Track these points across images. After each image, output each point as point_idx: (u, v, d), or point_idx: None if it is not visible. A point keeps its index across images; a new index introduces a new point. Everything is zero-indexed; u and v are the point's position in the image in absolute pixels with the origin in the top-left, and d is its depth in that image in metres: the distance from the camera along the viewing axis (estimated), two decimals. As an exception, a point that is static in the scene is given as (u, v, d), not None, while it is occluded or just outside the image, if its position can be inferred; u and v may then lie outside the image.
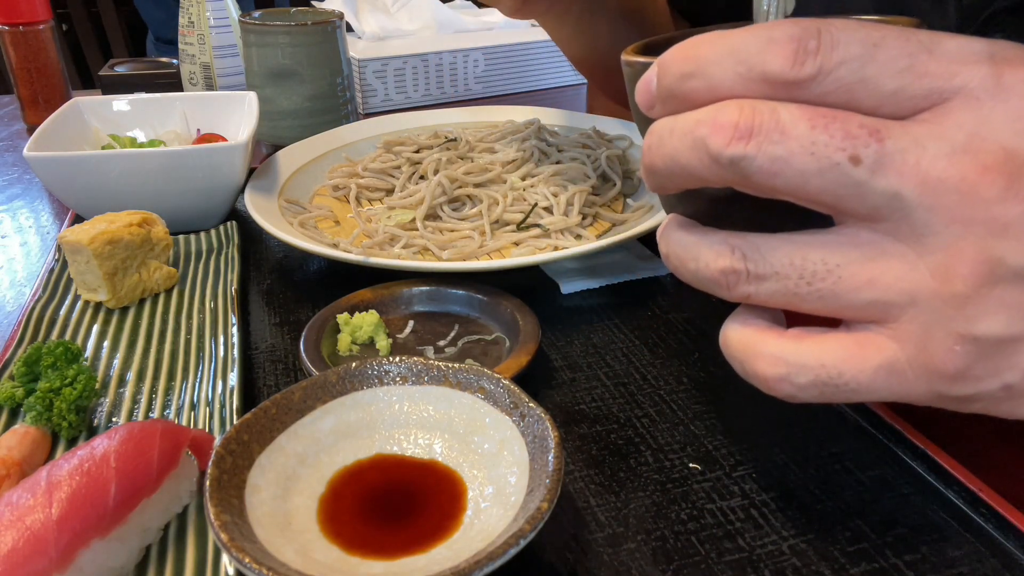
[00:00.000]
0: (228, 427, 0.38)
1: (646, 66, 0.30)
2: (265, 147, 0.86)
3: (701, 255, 0.29)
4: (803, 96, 0.25)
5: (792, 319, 0.30)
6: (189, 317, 0.53)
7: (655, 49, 0.39)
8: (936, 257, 0.25)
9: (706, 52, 0.26)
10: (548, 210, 0.61)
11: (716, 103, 0.26)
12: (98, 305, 0.54)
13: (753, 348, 0.29)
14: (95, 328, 0.52)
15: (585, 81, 1.17)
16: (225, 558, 0.34)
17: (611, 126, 0.76)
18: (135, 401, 0.44)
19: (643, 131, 0.36)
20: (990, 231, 0.24)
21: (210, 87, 0.98)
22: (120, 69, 1.07)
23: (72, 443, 0.41)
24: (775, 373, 0.28)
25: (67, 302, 0.54)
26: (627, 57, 0.35)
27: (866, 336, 0.27)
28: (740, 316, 0.30)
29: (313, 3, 1.25)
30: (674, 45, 0.28)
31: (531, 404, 0.36)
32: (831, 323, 0.29)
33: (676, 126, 0.27)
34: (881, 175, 0.24)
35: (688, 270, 0.30)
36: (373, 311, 0.50)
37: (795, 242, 0.27)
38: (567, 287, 0.57)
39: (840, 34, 0.25)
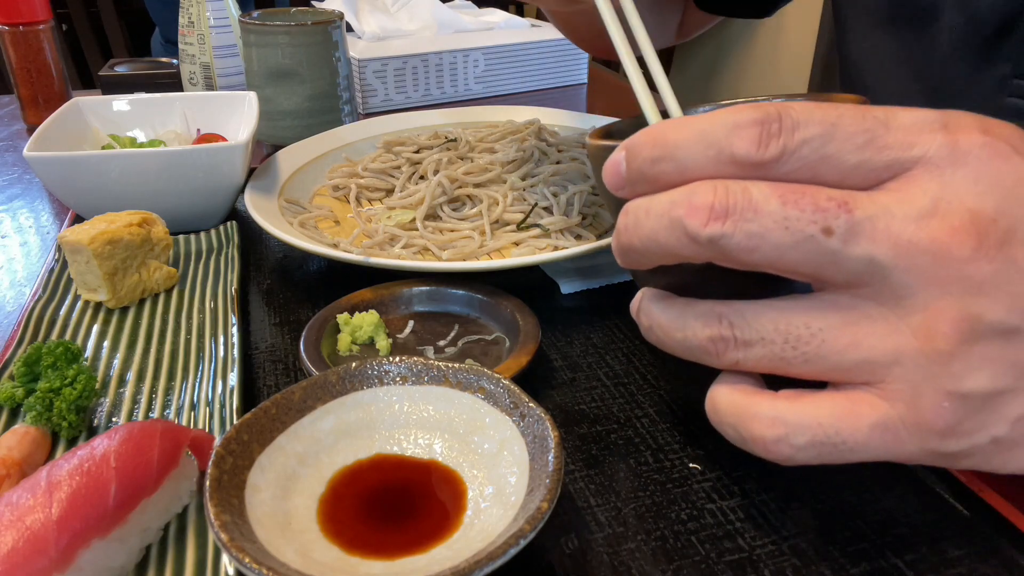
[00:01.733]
0: (228, 427, 0.38)
1: (610, 149, 0.32)
2: (265, 147, 0.86)
3: (688, 324, 0.30)
4: (771, 175, 0.27)
5: (779, 383, 0.30)
6: (189, 317, 0.53)
7: (615, 135, 0.42)
8: (916, 317, 0.26)
9: (674, 137, 0.28)
10: (548, 210, 0.61)
11: (688, 184, 0.27)
12: (98, 305, 0.54)
13: (747, 410, 0.29)
14: (95, 328, 0.52)
15: (585, 81, 1.17)
16: (225, 558, 0.34)
17: (611, 126, 0.76)
18: (135, 401, 0.44)
19: (610, 208, 0.38)
20: (966, 290, 0.25)
21: (210, 87, 0.98)
22: (120, 69, 1.07)
23: (72, 443, 0.41)
24: (773, 434, 0.28)
25: (67, 302, 0.54)
26: (591, 141, 0.37)
27: (858, 395, 0.28)
28: (726, 381, 0.31)
29: (313, 3, 1.25)
30: (640, 130, 0.29)
31: (531, 404, 0.36)
32: (820, 387, 0.29)
33: (652, 207, 0.28)
34: (854, 243, 0.25)
35: (675, 340, 0.31)
36: (373, 311, 0.50)
37: (778, 307, 0.28)
38: (567, 287, 0.57)
39: (799, 116, 0.26)
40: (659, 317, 0.31)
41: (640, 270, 0.32)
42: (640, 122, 0.44)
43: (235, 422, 0.38)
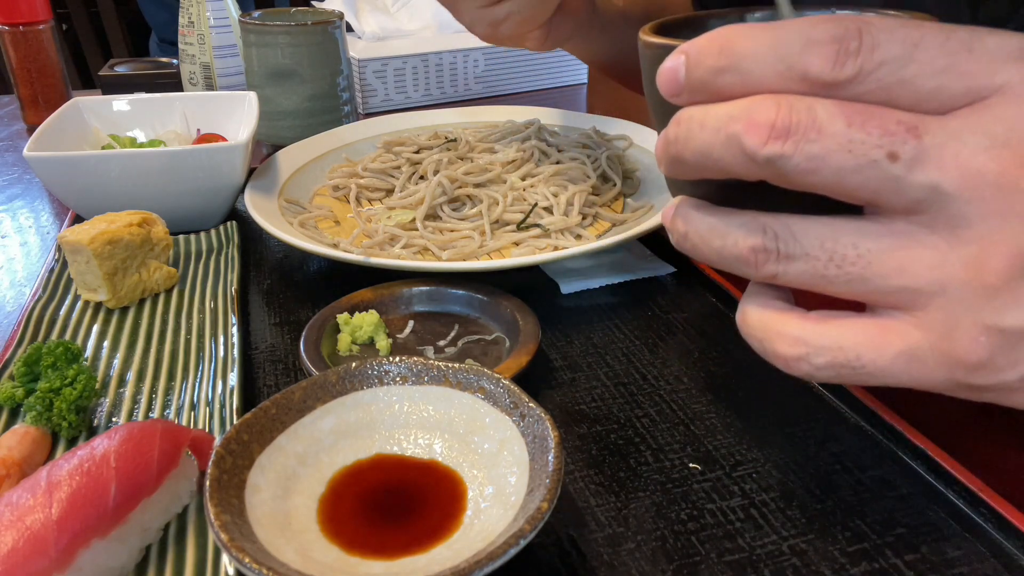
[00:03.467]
0: (228, 427, 0.38)
1: (667, 49, 0.30)
2: (265, 147, 0.86)
3: (729, 233, 0.29)
4: (842, 95, 0.25)
5: (815, 302, 0.30)
6: (189, 317, 0.53)
7: (671, 30, 0.38)
8: (970, 249, 0.25)
9: (742, 47, 0.26)
10: (548, 210, 0.61)
11: (751, 97, 0.26)
12: (98, 305, 0.54)
13: (774, 328, 0.29)
14: (95, 328, 0.52)
15: (585, 81, 1.17)
16: (225, 558, 0.34)
17: (611, 126, 0.76)
18: (135, 401, 0.44)
19: (657, 113, 0.35)
20: None
21: (210, 87, 0.98)
22: (120, 69, 1.07)
23: (72, 443, 0.41)
24: (795, 353, 0.28)
25: (67, 302, 0.54)
26: (646, 38, 0.34)
27: (889, 322, 0.27)
28: (758, 296, 0.31)
29: (313, 3, 1.25)
30: (704, 34, 0.27)
31: (531, 404, 0.36)
32: (854, 308, 0.29)
33: (708, 120, 0.27)
34: (919, 170, 0.25)
35: (712, 248, 0.30)
36: (373, 311, 0.50)
37: (827, 224, 0.27)
38: (567, 287, 0.57)
39: (880, 34, 0.25)
40: (698, 223, 0.30)
41: (679, 179, 0.31)
42: (693, 21, 0.41)
43: (235, 422, 0.38)
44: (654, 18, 0.39)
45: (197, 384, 0.46)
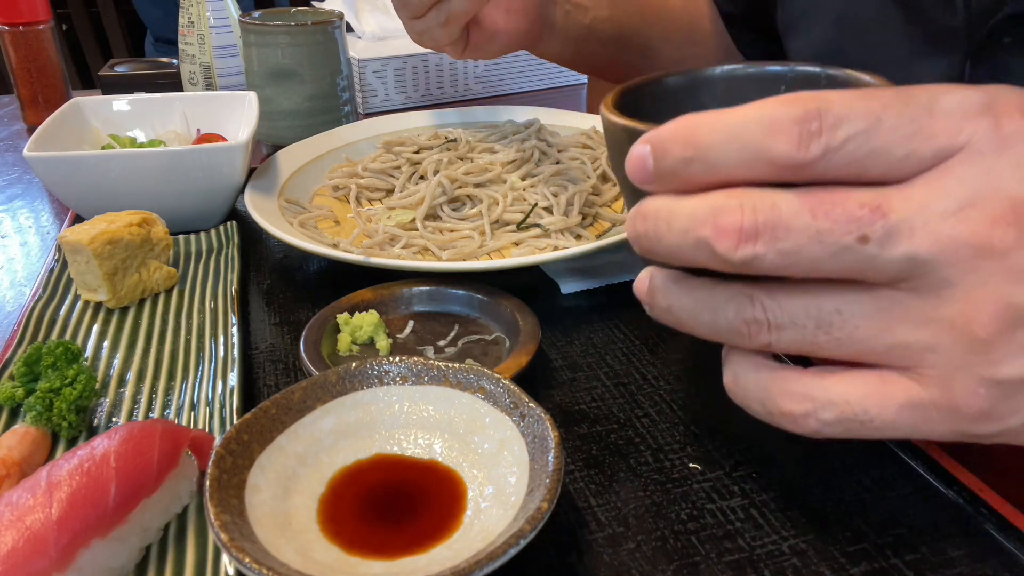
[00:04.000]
0: (228, 427, 0.38)
1: (632, 132, 0.30)
2: (265, 147, 0.86)
3: (719, 307, 0.29)
4: (811, 175, 0.26)
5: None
6: (189, 317, 0.53)
7: (631, 96, 0.39)
8: (955, 308, 0.25)
9: (706, 137, 0.26)
10: (548, 210, 0.61)
11: (712, 196, 0.27)
12: (98, 305, 0.54)
13: (776, 387, 0.29)
14: (95, 328, 0.52)
15: (585, 81, 1.17)
16: (225, 558, 0.34)
17: (611, 126, 0.76)
18: (135, 401, 0.44)
19: (624, 189, 0.36)
20: (1007, 279, 0.25)
21: (210, 87, 0.98)
22: (120, 69, 1.07)
23: (72, 443, 0.41)
24: (802, 409, 0.28)
25: (67, 302, 0.54)
26: (611, 117, 0.34)
27: (890, 375, 0.27)
28: (747, 359, 0.30)
29: (313, 3, 1.25)
30: (668, 122, 0.28)
31: (531, 404, 0.36)
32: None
33: (674, 221, 0.27)
34: (892, 246, 0.25)
35: (703, 322, 0.30)
36: (373, 311, 0.50)
37: (810, 291, 0.27)
38: (567, 287, 0.57)
39: (842, 110, 0.25)
40: (683, 299, 0.30)
41: None
42: (652, 86, 0.41)
43: (235, 422, 0.38)
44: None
45: (197, 384, 0.46)
